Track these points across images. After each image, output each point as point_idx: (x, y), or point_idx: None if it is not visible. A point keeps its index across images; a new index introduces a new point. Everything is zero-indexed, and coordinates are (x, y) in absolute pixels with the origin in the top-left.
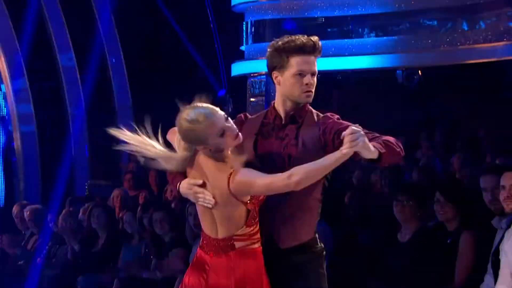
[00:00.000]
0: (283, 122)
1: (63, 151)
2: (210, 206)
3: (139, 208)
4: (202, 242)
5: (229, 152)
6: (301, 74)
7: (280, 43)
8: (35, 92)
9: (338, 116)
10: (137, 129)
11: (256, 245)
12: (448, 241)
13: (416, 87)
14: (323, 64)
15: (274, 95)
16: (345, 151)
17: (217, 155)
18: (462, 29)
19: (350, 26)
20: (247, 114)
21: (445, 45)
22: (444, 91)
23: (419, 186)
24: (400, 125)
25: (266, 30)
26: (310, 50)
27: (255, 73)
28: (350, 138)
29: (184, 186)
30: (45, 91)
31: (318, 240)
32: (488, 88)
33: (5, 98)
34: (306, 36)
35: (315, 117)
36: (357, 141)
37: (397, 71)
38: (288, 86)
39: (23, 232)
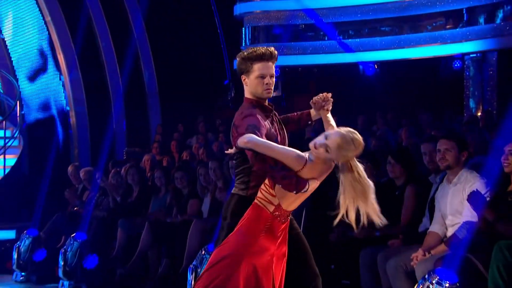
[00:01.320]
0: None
1: (106, 126)
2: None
3: (164, 168)
4: (275, 213)
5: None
6: (262, 77)
7: (245, 53)
8: (86, 81)
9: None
10: None
11: None
12: (397, 193)
13: (373, 78)
14: (303, 60)
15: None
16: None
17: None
18: (407, 34)
19: (323, 31)
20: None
21: (395, 46)
22: (395, 80)
23: (375, 151)
24: (362, 106)
25: (260, 33)
26: (268, 57)
27: None
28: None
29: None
30: (93, 80)
31: None
32: (426, 80)
33: (63, 86)
34: (265, 47)
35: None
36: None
37: (359, 66)
38: (253, 86)
39: (76, 186)
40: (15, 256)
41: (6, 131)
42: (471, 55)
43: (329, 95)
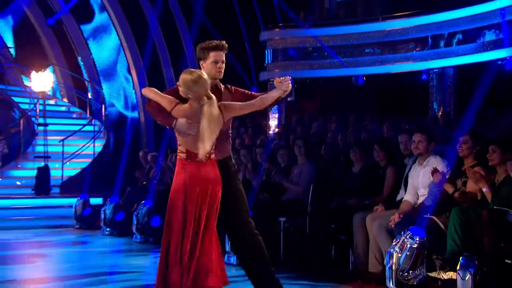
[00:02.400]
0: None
1: None
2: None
3: None
4: (188, 158)
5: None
6: (216, 62)
7: (203, 44)
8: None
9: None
10: None
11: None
12: (380, 171)
13: (363, 86)
14: (310, 73)
15: None
16: (285, 87)
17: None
18: (387, 54)
19: (326, 52)
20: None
21: (379, 63)
22: (378, 88)
23: (365, 142)
24: (354, 107)
25: (278, 54)
26: (220, 48)
27: (272, 78)
28: (288, 83)
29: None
30: (156, 85)
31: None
32: (402, 88)
33: (135, 92)
34: (218, 40)
35: (222, 86)
36: (289, 86)
37: (352, 78)
38: (209, 69)
39: (144, 166)
40: (102, 216)
41: (95, 126)
42: (434, 70)
43: (288, 78)
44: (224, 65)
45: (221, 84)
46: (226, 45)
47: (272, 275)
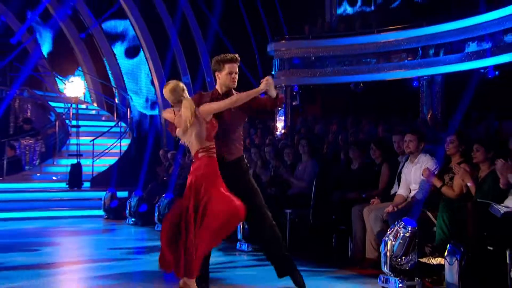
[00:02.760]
0: (221, 96)
1: None
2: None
3: None
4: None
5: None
6: (230, 73)
7: (219, 58)
8: None
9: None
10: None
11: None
12: (376, 168)
13: (361, 92)
14: (313, 80)
15: (286, 97)
16: (262, 86)
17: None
18: (383, 63)
19: (327, 61)
20: (202, 92)
21: (375, 71)
22: (375, 94)
23: (363, 141)
24: (352, 111)
25: (284, 63)
26: (234, 60)
27: (279, 85)
28: (266, 81)
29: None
30: None
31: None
32: (395, 93)
33: (156, 97)
34: (232, 54)
35: (235, 93)
36: (269, 83)
37: (351, 84)
38: (224, 79)
39: (164, 163)
40: (127, 208)
41: (121, 128)
42: (424, 78)
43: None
44: (237, 75)
45: (234, 92)
46: (239, 58)
47: (288, 257)
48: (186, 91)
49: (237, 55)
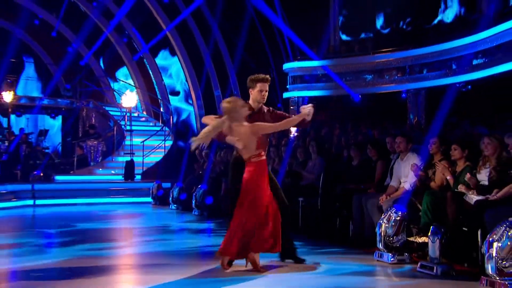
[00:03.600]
0: (255, 110)
1: (217, 109)
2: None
3: None
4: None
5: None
6: (261, 91)
7: (253, 77)
8: (205, 103)
9: (272, 109)
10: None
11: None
12: (372, 164)
13: (359, 102)
14: (321, 92)
15: (298, 106)
16: (306, 116)
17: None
18: (377, 79)
19: (332, 77)
20: None
21: (370, 86)
22: (371, 104)
23: (361, 142)
24: (352, 117)
25: (297, 79)
26: (265, 80)
27: (292, 96)
28: (309, 111)
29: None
30: (208, 103)
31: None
32: (388, 103)
33: (193, 106)
34: (263, 74)
35: (265, 108)
36: (311, 112)
37: (351, 95)
38: (255, 95)
39: (200, 160)
40: (170, 196)
41: (165, 132)
42: (411, 91)
43: (310, 106)
44: (267, 93)
45: (264, 107)
46: (269, 78)
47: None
48: (246, 108)
49: (268, 76)
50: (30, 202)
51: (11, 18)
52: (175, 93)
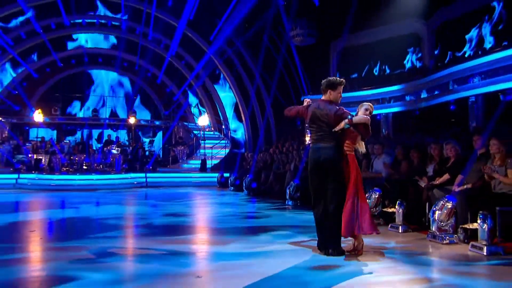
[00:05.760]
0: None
1: (258, 135)
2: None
3: (284, 153)
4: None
5: None
6: (339, 92)
7: (336, 81)
8: (251, 124)
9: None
10: None
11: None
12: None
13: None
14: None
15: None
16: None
17: None
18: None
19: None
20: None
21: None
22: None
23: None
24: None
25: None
26: (343, 84)
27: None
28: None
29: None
30: (253, 122)
31: None
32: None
33: (243, 123)
34: (341, 79)
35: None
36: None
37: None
38: (335, 96)
39: (247, 160)
40: (229, 182)
41: (225, 142)
42: (383, 114)
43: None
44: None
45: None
46: (345, 82)
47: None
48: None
49: (344, 80)
50: (144, 185)
51: (135, 73)
52: (231, 115)
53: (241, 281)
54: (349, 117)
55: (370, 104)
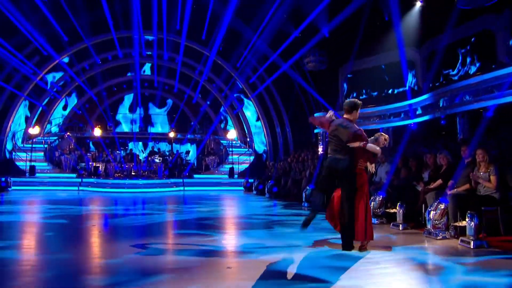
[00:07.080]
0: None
1: (278, 146)
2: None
3: (300, 162)
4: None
5: None
6: (358, 112)
7: (358, 104)
8: (272, 136)
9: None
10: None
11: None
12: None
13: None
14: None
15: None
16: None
17: None
18: (365, 121)
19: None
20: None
21: (361, 125)
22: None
23: None
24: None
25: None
26: (361, 106)
27: (319, 131)
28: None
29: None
30: (274, 137)
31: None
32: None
33: (265, 137)
34: (360, 101)
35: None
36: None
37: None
38: (355, 116)
39: (269, 168)
40: (254, 186)
41: (250, 152)
42: (381, 129)
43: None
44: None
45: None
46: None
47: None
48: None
49: (361, 102)
50: (182, 188)
51: (174, 95)
52: (254, 131)
53: (267, 271)
54: (365, 142)
55: (387, 138)
